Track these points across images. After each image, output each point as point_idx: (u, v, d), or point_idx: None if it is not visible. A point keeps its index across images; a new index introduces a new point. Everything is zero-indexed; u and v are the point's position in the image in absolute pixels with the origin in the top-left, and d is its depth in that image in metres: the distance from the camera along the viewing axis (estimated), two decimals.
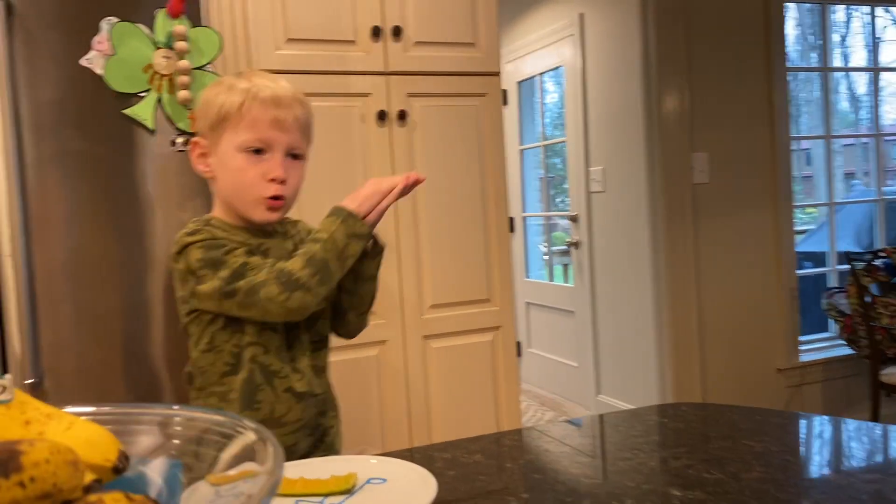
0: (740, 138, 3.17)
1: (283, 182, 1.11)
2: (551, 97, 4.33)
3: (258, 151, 1.10)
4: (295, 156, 1.14)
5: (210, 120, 1.12)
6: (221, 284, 1.05)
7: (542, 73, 4.15)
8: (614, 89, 3.33)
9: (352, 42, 2.06)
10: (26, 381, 1.59)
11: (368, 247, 1.16)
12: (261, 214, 1.12)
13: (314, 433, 1.17)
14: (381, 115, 2.09)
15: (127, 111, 1.67)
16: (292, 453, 1.13)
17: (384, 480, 0.84)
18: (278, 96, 1.10)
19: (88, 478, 0.41)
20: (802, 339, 3.38)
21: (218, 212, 1.17)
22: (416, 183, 1.12)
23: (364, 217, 1.10)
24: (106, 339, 1.69)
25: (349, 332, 1.26)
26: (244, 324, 1.10)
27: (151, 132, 1.70)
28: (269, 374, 1.12)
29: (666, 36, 3.02)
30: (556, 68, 3.96)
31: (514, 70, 4.30)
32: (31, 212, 1.62)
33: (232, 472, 0.48)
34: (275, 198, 1.11)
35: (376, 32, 2.07)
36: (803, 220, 3.31)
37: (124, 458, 0.43)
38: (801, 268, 3.49)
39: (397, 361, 2.14)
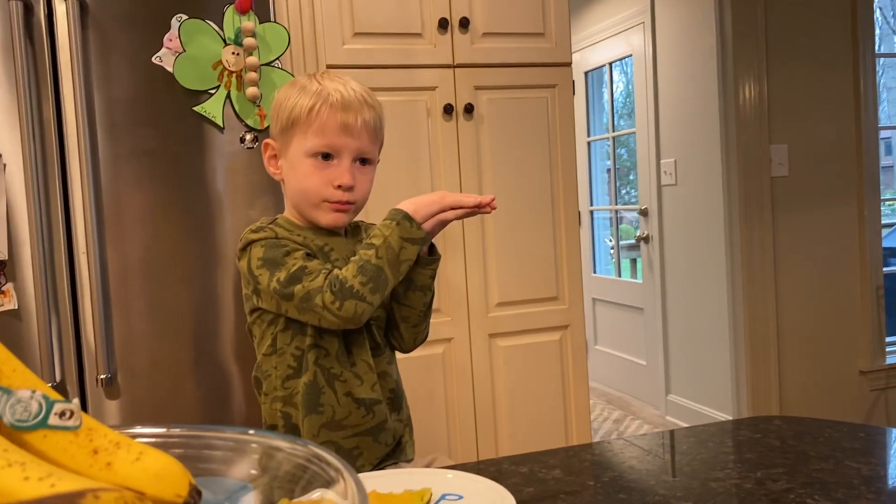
0: (823, 129, 3.00)
1: (350, 189, 1.10)
2: (616, 87, 4.21)
3: (326, 157, 1.09)
4: (364, 160, 1.12)
5: (281, 123, 1.12)
6: (278, 287, 1.04)
7: (610, 63, 4.03)
8: (687, 78, 3.20)
9: (418, 35, 2.02)
10: (100, 376, 1.62)
11: (423, 253, 1.12)
12: (327, 218, 1.12)
13: (382, 440, 1.15)
14: (448, 109, 2.04)
15: (197, 108, 1.68)
16: (353, 457, 1.12)
17: (460, 497, 0.80)
18: (347, 101, 1.08)
19: None
20: (889, 339, 3.20)
21: (287, 211, 1.18)
22: (488, 209, 1.06)
23: (421, 222, 1.06)
24: (177, 335, 1.70)
25: (403, 346, 1.22)
26: (305, 326, 1.09)
27: (221, 129, 1.70)
28: (331, 377, 1.11)
29: (743, 21, 2.88)
30: (625, 57, 3.84)
31: (580, 60, 4.19)
32: (105, 209, 1.64)
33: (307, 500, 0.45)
34: (342, 203, 1.10)
35: (443, 24, 2.03)
36: (883, 212, 3.13)
37: (196, 492, 0.40)
38: (887, 265, 3.30)
39: (463, 360, 2.10)
